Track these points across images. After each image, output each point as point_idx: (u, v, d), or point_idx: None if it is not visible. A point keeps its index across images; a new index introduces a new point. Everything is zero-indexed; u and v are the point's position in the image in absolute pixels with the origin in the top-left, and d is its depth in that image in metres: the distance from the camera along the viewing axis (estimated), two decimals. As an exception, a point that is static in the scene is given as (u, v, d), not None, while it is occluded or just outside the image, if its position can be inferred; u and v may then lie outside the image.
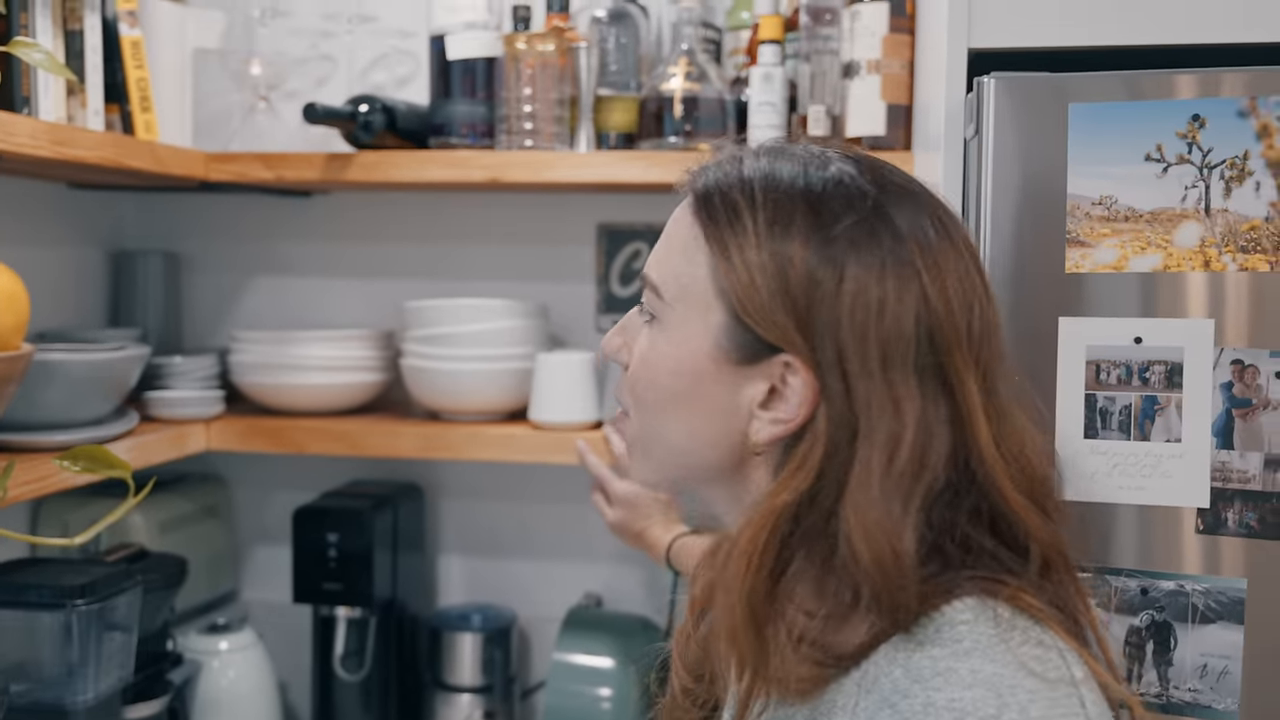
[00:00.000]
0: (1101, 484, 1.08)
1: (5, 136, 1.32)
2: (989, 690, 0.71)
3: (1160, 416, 1.07)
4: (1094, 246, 1.08)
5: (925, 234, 0.79)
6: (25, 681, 1.38)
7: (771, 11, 1.64)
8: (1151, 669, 1.08)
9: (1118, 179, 1.07)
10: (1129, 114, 1.07)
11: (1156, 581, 1.08)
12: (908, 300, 0.77)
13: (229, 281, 2.05)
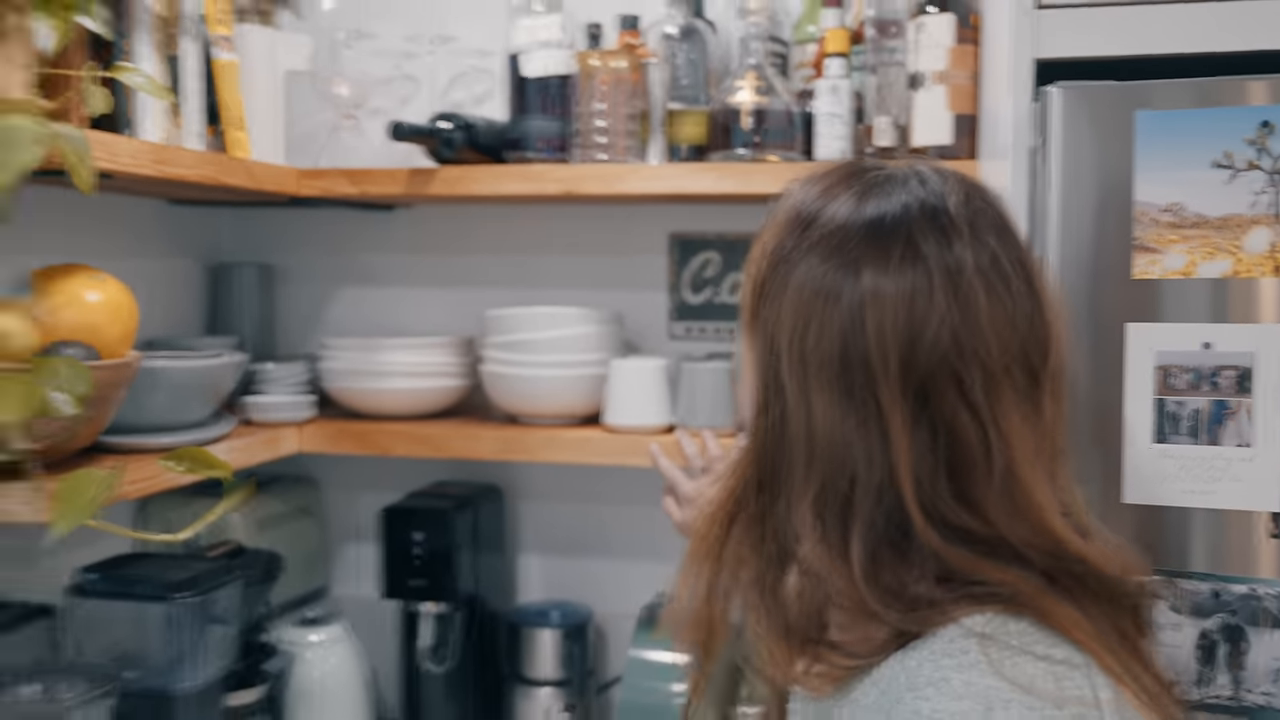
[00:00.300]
0: (1171, 488, 1.06)
1: (110, 157, 1.35)
2: (978, 703, 0.69)
3: (1230, 421, 1.04)
4: (1162, 253, 1.06)
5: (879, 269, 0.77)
6: (134, 669, 1.41)
7: (838, 25, 1.63)
8: (1224, 671, 1.05)
9: (1185, 185, 1.05)
10: (1196, 121, 1.04)
11: (1228, 585, 1.05)
12: (836, 319, 0.77)
13: (319, 291, 2.07)
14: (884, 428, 0.75)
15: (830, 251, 0.78)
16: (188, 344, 1.79)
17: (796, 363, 0.78)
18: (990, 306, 0.76)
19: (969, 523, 0.76)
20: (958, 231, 0.77)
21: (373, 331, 1.96)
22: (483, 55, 1.88)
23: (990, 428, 0.75)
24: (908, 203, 0.79)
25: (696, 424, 1.64)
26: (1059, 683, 0.70)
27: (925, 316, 0.75)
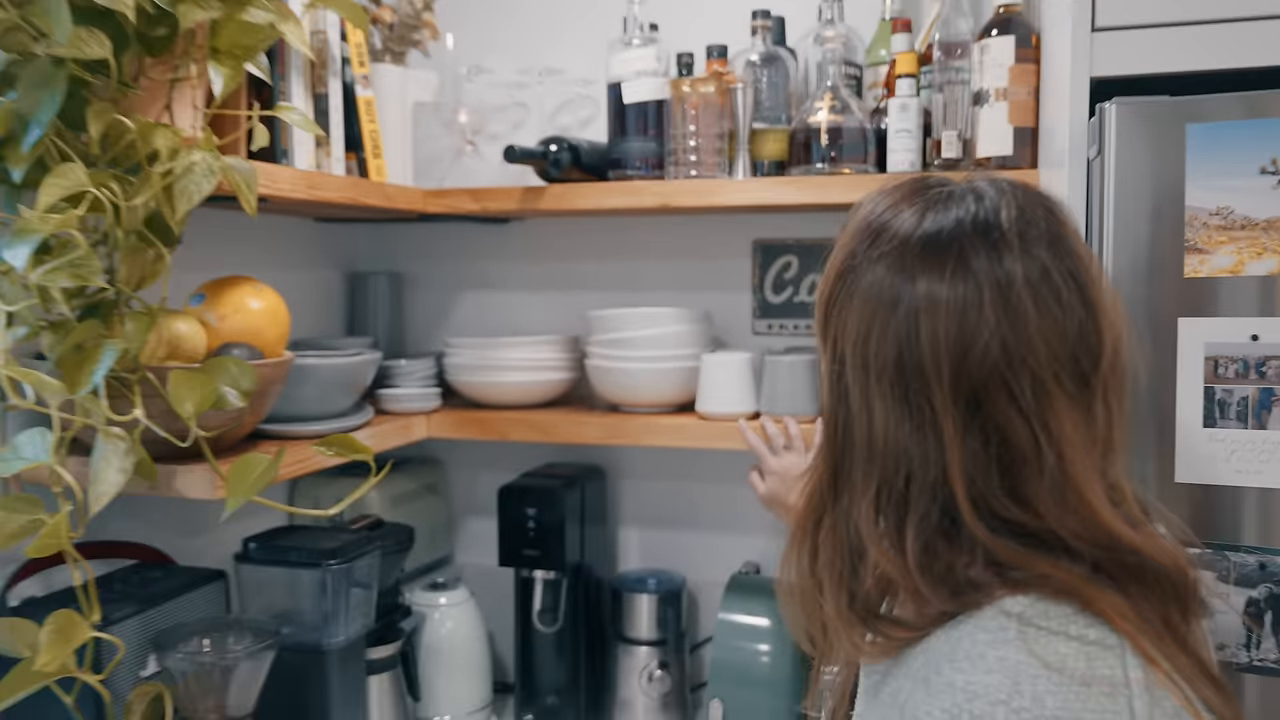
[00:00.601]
0: (1220, 468, 1.05)
1: (271, 184, 1.41)
2: (1006, 677, 0.69)
3: (1277, 407, 1.03)
4: (1211, 253, 1.04)
5: (935, 279, 0.76)
6: (290, 626, 1.45)
7: (907, 49, 1.62)
8: (1270, 637, 1.04)
9: (1234, 191, 1.03)
10: (1244, 131, 1.03)
11: (1274, 558, 1.04)
12: (899, 329, 0.76)
13: (443, 296, 2.11)
14: (938, 431, 0.75)
15: (892, 263, 0.77)
16: (330, 344, 1.83)
17: (859, 368, 0.78)
18: (1039, 317, 0.74)
19: (1020, 516, 0.74)
20: (1008, 245, 0.75)
21: (490, 331, 2.00)
22: (586, 84, 1.90)
23: (1040, 430, 0.74)
24: (961, 218, 0.77)
25: (778, 411, 1.65)
26: (1090, 662, 0.69)
27: (976, 327, 0.74)
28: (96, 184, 1.13)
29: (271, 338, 1.46)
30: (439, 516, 2.06)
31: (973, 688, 0.69)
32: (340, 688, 1.48)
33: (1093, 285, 0.77)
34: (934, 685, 0.72)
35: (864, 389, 0.78)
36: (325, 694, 1.46)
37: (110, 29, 1.15)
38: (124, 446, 1.18)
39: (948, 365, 0.74)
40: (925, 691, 0.73)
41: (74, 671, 1.17)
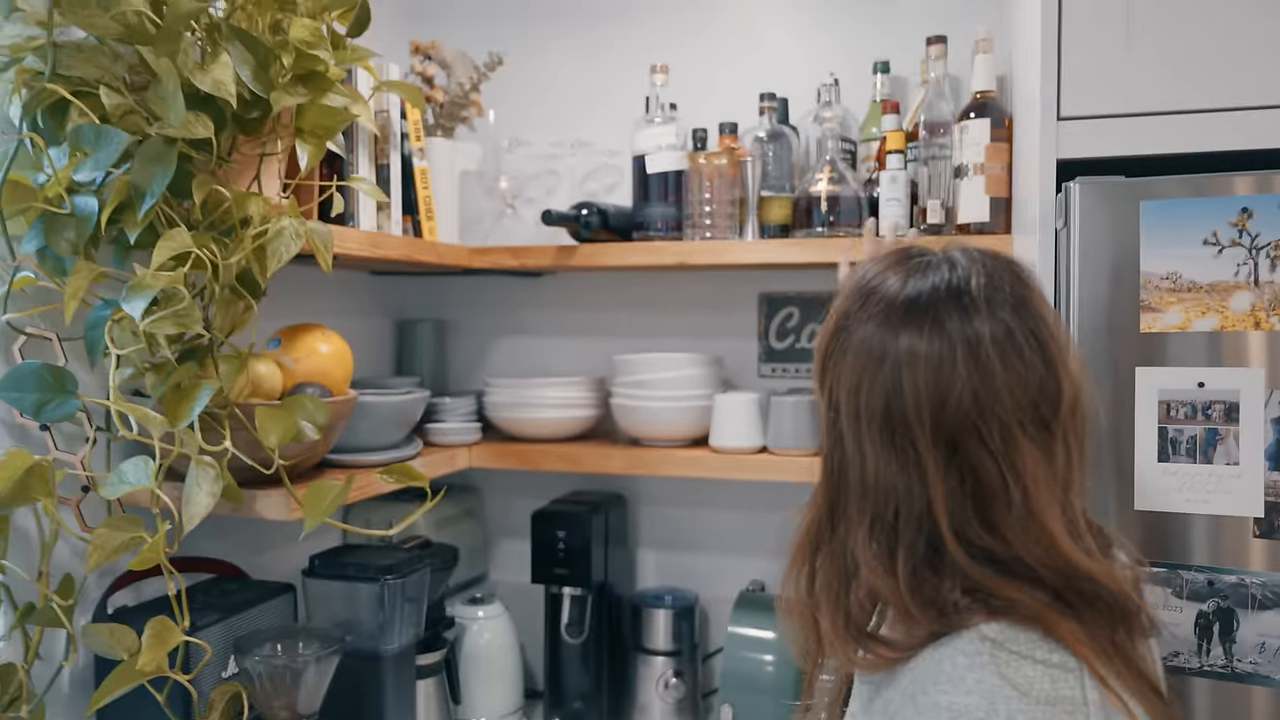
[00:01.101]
0: (1173, 498, 1.10)
1: (341, 244, 1.49)
2: (984, 699, 0.72)
3: (1221, 445, 1.09)
4: (1163, 312, 1.11)
5: (915, 337, 0.80)
6: (350, 634, 1.50)
7: (896, 128, 1.70)
8: (1218, 645, 1.09)
9: (1181, 259, 1.10)
10: (1190, 208, 1.10)
11: (1221, 575, 1.09)
12: (881, 382, 0.81)
13: (482, 341, 2.17)
14: (921, 470, 0.79)
15: (880, 322, 0.82)
16: (382, 383, 1.89)
17: (852, 415, 0.82)
18: (1004, 371, 0.78)
19: (991, 545, 0.78)
20: (977, 308, 0.80)
21: (524, 373, 2.07)
22: (612, 154, 1.98)
23: (1008, 470, 0.78)
24: (937, 284, 0.82)
25: (782, 446, 1.71)
26: (1054, 684, 0.72)
27: (950, 380, 0.78)
28: (198, 245, 1.21)
29: (338, 378, 1.53)
30: (476, 538, 2.11)
31: (955, 708, 0.73)
32: (394, 690, 1.53)
33: (1053, 343, 0.82)
34: (921, 704, 0.76)
35: (856, 433, 0.82)
36: (381, 696, 1.51)
37: (211, 112, 1.23)
38: (213, 473, 1.25)
39: (928, 413, 0.79)
40: (913, 708, 0.77)
41: (166, 671, 1.23)
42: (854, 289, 0.87)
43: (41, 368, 1.25)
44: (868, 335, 0.83)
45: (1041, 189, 1.22)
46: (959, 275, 0.83)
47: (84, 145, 1.17)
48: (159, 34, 1.21)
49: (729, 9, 2.00)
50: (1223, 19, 1.14)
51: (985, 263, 0.84)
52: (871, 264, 0.88)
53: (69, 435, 1.33)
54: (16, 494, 1.20)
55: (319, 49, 1.32)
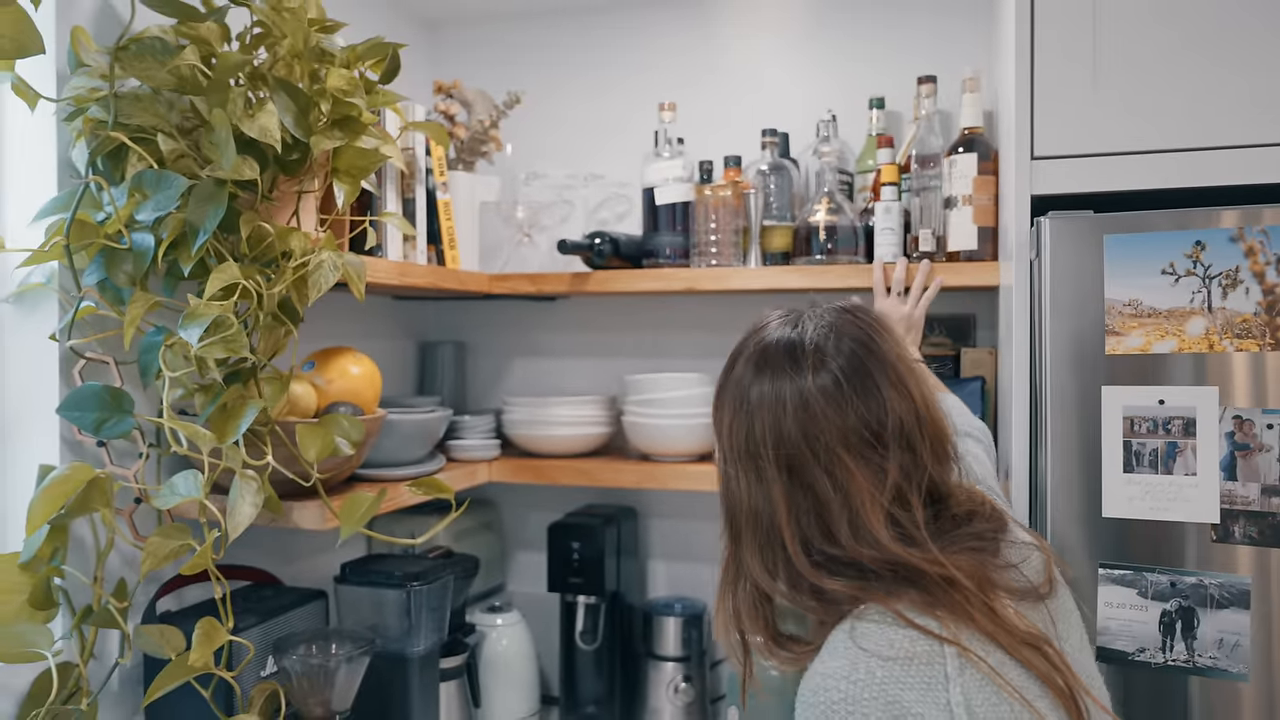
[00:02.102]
0: (1137, 505, 1.20)
1: (372, 273, 1.61)
2: (847, 662, 0.86)
3: (1180, 457, 1.19)
4: (1126, 335, 1.21)
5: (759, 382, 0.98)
6: (379, 637, 1.60)
7: (890, 161, 1.81)
8: (1180, 641, 1.18)
9: (1142, 287, 1.20)
10: (1149, 241, 1.20)
11: (1183, 577, 1.19)
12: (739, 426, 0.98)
13: (500, 362, 2.28)
14: (770, 493, 0.96)
15: (742, 375, 1.00)
16: (406, 402, 2.00)
17: (729, 452, 1.00)
18: (828, 409, 0.95)
19: (830, 550, 0.94)
20: (808, 360, 0.97)
21: (541, 392, 2.18)
22: (622, 186, 2.10)
23: (836, 487, 0.94)
24: (780, 340, 1.00)
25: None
26: (913, 643, 0.86)
27: (782, 418, 0.96)
28: (245, 277, 1.33)
29: (368, 397, 1.64)
30: (494, 550, 2.21)
31: (824, 671, 0.88)
32: (420, 691, 1.63)
33: (887, 379, 0.97)
34: (806, 676, 0.91)
35: (735, 467, 1.00)
36: (407, 695, 1.61)
37: (256, 154, 1.36)
38: (256, 485, 1.36)
39: (770, 445, 0.96)
40: (804, 680, 0.91)
41: (213, 668, 1.34)
42: (734, 350, 1.05)
43: (101, 389, 1.36)
44: (735, 386, 1.01)
45: (1017, 223, 1.32)
46: (800, 334, 1.01)
47: (145, 188, 1.29)
48: (209, 85, 1.34)
49: (734, 51, 2.12)
50: (1181, 66, 1.25)
51: (837, 321, 1.02)
52: (756, 325, 1.06)
53: (121, 451, 1.44)
54: (79, 505, 1.32)
55: (354, 96, 1.44)
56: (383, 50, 1.51)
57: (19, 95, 1.30)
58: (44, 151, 1.40)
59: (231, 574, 1.65)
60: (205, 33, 1.37)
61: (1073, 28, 1.28)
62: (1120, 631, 1.20)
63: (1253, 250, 1.16)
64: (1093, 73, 1.28)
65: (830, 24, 2.06)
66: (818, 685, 0.87)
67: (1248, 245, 1.16)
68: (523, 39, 2.25)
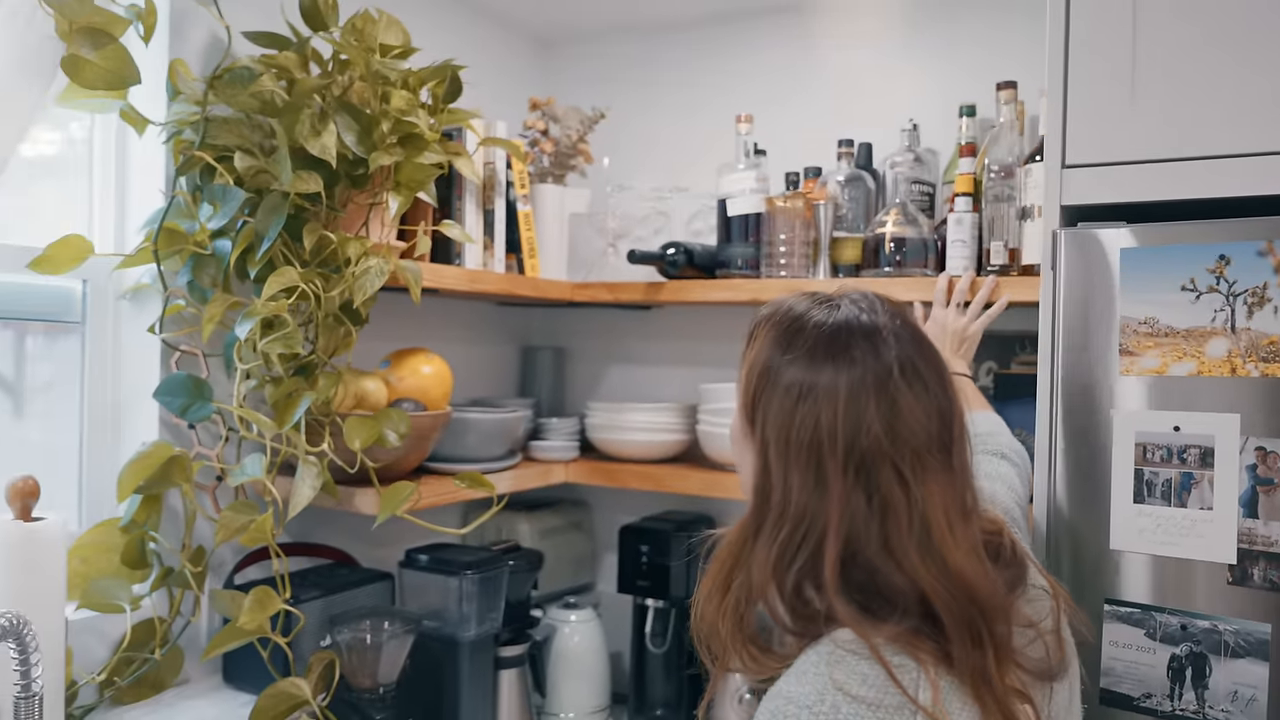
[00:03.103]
0: (1148, 539, 1.12)
1: (439, 279, 1.72)
2: (814, 690, 0.79)
3: (1195, 489, 1.09)
4: (1140, 356, 1.13)
5: (837, 371, 0.86)
6: (436, 620, 1.71)
7: (968, 171, 1.74)
8: (1190, 690, 1.09)
9: (1159, 304, 1.12)
10: (1168, 255, 1.12)
11: (1195, 620, 1.09)
12: (807, 414, 0.86)
13: (597, 368, 2.36)
14: (828, 495, 0.85)
15: (804, 362, 0.88)
16: (500, 403, 2.13)
17: (781, 448, 0.87)
18: (914, 406, 0.85)
19: (881, 565, 0.83)
20: (891, 350, 0.87)
21: (633, 398, 2.23)
22: (711, 198, 2.12)
23: (913, 496, 0.84)
24: (849, 321, 0.89)
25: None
26: (884, 691, 0.78)
27: (861, 411, 0.85)
28: (305, 280, 1.47)
29: (436, 395, 1.76)
30: (583, 550, 2.29)
31: (789, 694, 0.80)
32: (470, 673, 1.72)
33: (945, 373, 0.89)
34: (770, 694, 0.83)
35: (784, 464, 0.87)
36: (457, 676, 1.71)
37: (324, 171, 1.50)
38: (315, 470, 1.50)
39: (841, 442, 0.85)
40: (766, 698, 0.84)
41: (268, 632, 1.48)
42: (774, 338, 0.92)
43: (187, 377, 1.55)
44: (793, 374, 0.88)
45: (1045, 235, 1.26)
46: (866, 313, 0.91)
47: (216, 200, 1.46)
48: (285, 107, 1.49)
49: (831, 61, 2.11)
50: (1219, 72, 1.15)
51: (882, 303, 0.93)
52: (786, 308, 0.95)
53: (213, 434, 1.63)
54: (159, 478, 1.51)
55: (412, 115, 1.56)
56: (443, 72, 1.63)
57: (127, 121, 1.51)
58: (155, 169, 1.61)
59: (313, 552, 1.82)
60: (284, 60, 1.53)
61: (1107, 31, 1.21)
62: (1125, 674, 1.12)
63: (1283, 265, 1.05)
64: (1127, 77, 1.20)
65: (927, 30, 2.01)
66: (778, 709, 0.81)
67: (1277, 260, 1.05)
68: (625, 54, 2.32)
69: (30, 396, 1.58)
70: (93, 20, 1.33)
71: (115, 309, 1.63)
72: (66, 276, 1.52)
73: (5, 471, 1.35)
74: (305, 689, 1.49)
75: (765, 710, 0.82)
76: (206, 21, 1.61)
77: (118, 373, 1.63)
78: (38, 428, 1.58)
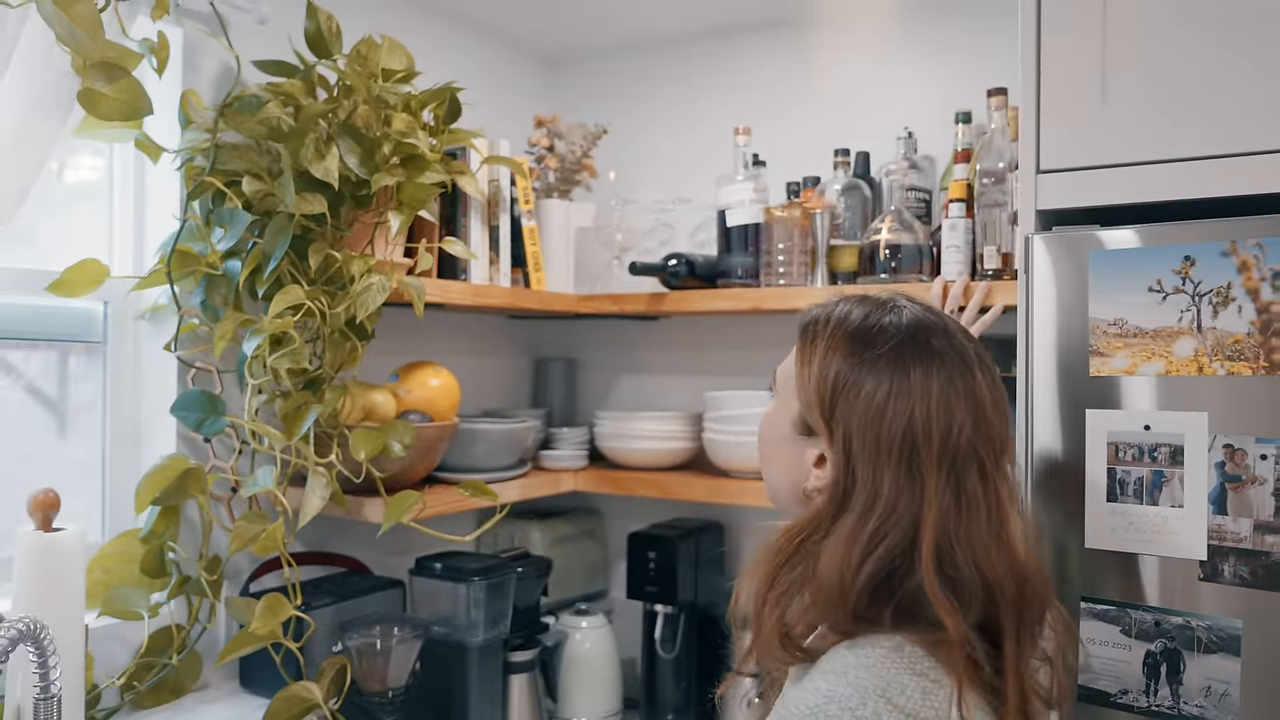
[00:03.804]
0: (1120, 537, 1.13)
1: (444, 294, 1.78)
2: (856, 692, 0.80)
3: (1166, 487, 1.11)
4: (1110, 356, 1.15)
5: (926, 371, 0.88)
6: (445, 626, 1.75)
7: (962, 178, 1.76)
8: (1165, 686, 1.10)
9: (1128, 306, 1.13)
10: (1136, 257, 1.13)
11: (1168, 616, 1.11)
12: (899, 413, 0.87)
13: (607, 378, 2.40)
14: (923, 493, 0.86)
15: (886, 367, 0.89)
16: (511, 413, 2.16)
17: (862, 435, 0.89)
18: (995, 406, 0.89)
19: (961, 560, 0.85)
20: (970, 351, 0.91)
21: (642, 407, 2.27)
22: (713, 208, 2.15)
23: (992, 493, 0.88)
24: (921, 321, 0.92)
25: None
26: (924, 697, 0.80)
27: (954, 409, 0.87)
28: (311, 298, 1.52)
29: (443, 407, 1.81)
30: (595, 557, 2.33)
31: (830, 693, 0.81)
32: (479, 677, 1.76)
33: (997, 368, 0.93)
34: (805, 686, 0.85)
35: (874, 463, 0.88)
36: (466, 680, 1.75)
37: (329, 192, 1.56)
38: (324, 480, 1.56)
39: (936, 440, 0.87)
40: (796, 688, 0.87)
41: (280, 638, 1.54)
42: (847, 339, 0.93)
43: (201, 393, 1.61)
44: (879, 376, 0.89)
45: (1019, 239, 1.28)
46: (926, 311, 0.94)
47: (223, 223, 1.53)
48: (290, 132, 1.55)
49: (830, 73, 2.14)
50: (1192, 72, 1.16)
51: (921, 301, 0.97)
52: (841, 314, 0.96)
53: (227, 447, 1.69)
54: (176, 490, 1.57)
55: (412, 136, 1.61)
56: (442, 95, 1.68)
57: (142, 150, 1.58)
58: (170, 195, 1.68)
59: (326, 560, 1.87)
60: (290, 88, 1.60)
61: (1077, 36, 1.23)
62: (1103, 671, 1.13)
63: (1246, 265, 1.06)
64: (1097, 82, 1.22)
65: (922, 39, 2.04)
66: (818, 706, 0.81)
67: (1241, 260, 1.06)
68: (628, 71, 2.37)
69: (73, 415, 1.65)
70: (106, 55, 1.39)
71: (134, 329, 1.70)
72: (89, 298, 1.59)
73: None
74: (317, 693, 1.54)
75: (803, 705, 0.83)
76: (217, 52, 1.68)
77: (137, 390, 1.71)
78: (79, 446, 1.66)
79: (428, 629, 1.68)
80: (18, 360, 1.58)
